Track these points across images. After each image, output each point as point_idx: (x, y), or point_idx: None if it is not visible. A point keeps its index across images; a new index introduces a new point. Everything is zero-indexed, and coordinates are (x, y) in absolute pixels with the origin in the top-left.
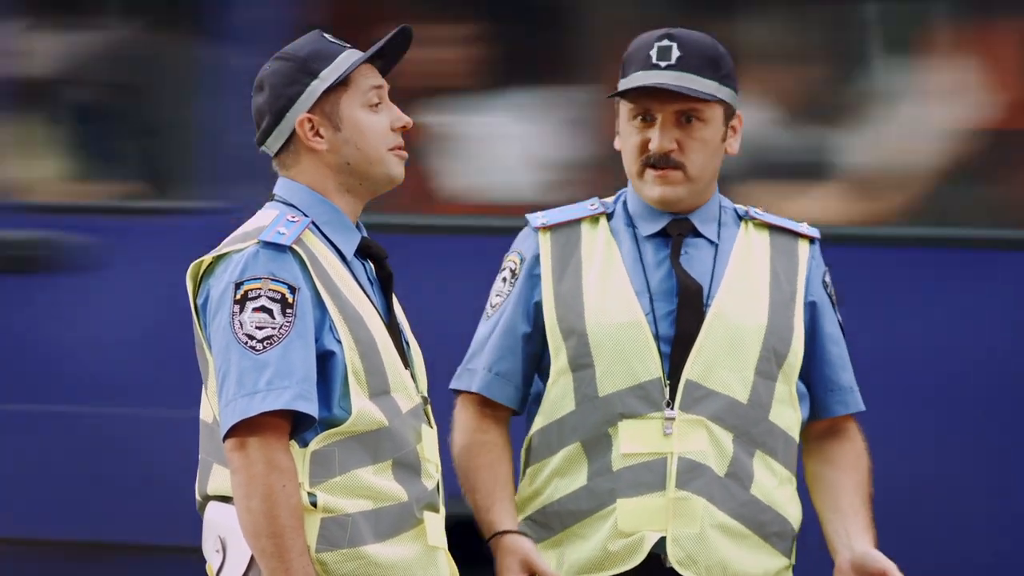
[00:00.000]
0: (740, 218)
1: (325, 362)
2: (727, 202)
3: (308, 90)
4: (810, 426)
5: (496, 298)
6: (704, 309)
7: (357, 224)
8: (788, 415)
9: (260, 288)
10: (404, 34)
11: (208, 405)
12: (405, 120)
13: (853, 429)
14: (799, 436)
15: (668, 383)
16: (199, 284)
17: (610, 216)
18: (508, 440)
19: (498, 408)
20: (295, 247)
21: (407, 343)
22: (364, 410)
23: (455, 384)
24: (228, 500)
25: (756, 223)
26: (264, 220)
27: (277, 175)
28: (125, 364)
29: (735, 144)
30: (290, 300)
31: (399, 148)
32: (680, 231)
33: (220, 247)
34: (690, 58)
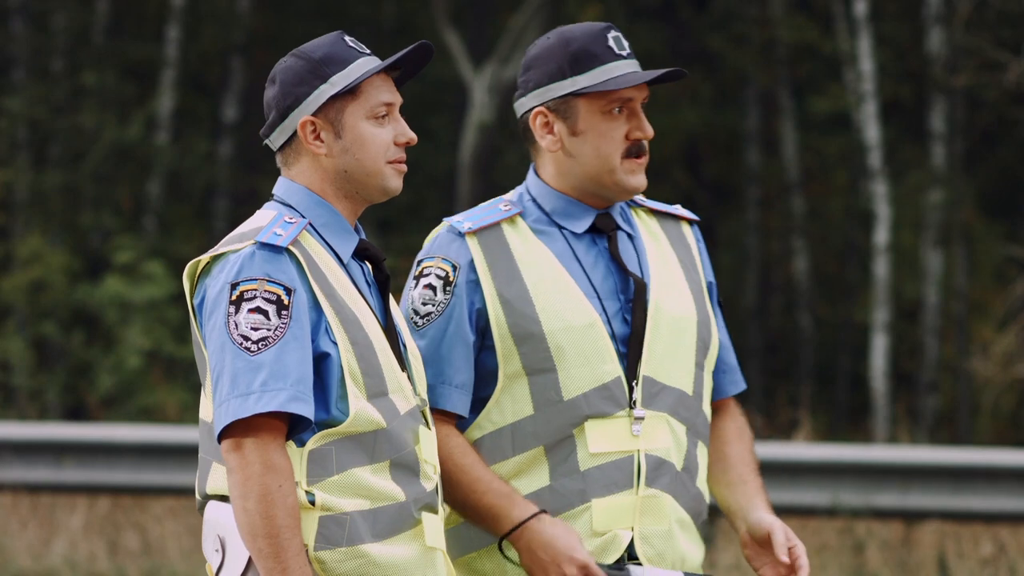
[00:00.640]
0: (629, 206)
1: (321, 364)
2: None
3: (316, 93)
4: None
5: (427, 307)
6: (647, 303)
7: (356, 226)
8: (708, 402)
9: (256, 289)
10: (423, 49)
11: (207, 404)
12: (409, 136)
13: (733, 405)
14: None
15: (627, 381)
16: (196, 283)
17: (523, 215)
18: None
19: (454, 417)
20: (292, 248)
21: (404, 345)
22: (362, 411)
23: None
24: (227, 499)
25: (644, 210)
26: (262, 221)
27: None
28: None
29: None
30: (286, 302)
31: (399, 161)
32: (611, 226)
33: (217, 247)
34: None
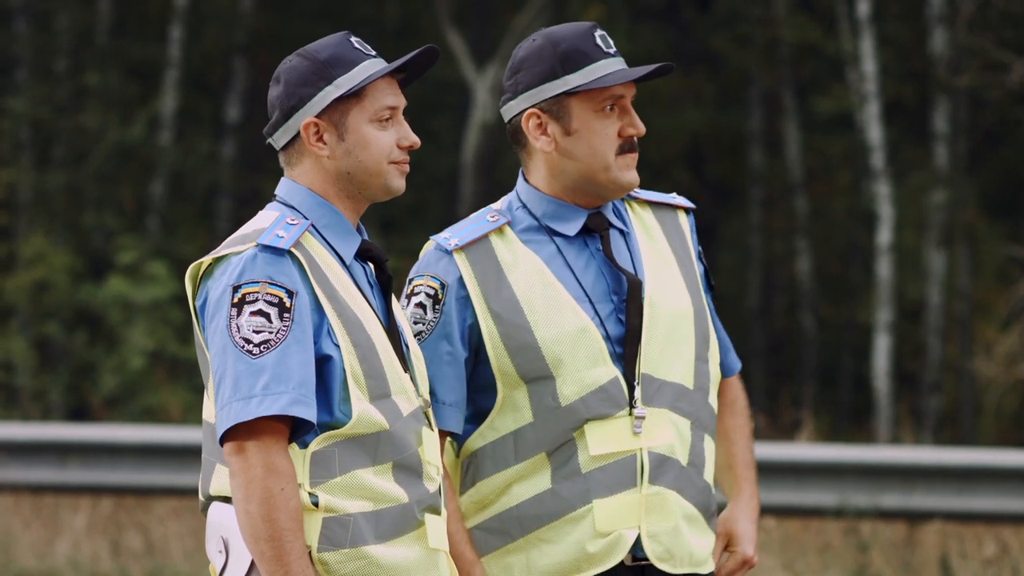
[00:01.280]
0: (623, 200)
1: (324, 366)
2: None
3: (320, 95)
4: None
5: (418, 326)
6: (642, 301)
7: (358, 227)
8: (715, 395)
9: (258, 292)
10: (429, 52)
11: (210, 406)
12: (412, 140)
13: (736, 382)
14: None
15: (626, 381)
16: (198, 285)
17: (511, 224)
18: None
19: (445, 435)
20: (294, 250)
21: (407, 346)
22: (365, 413)
23: None
24: (231, 501)
25: (639, 202)
26: (264, 222)
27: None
28: None
29: None
30: (288, 304)
31: (402, 162)
32: (604, 225)
33: (219, 248)
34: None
